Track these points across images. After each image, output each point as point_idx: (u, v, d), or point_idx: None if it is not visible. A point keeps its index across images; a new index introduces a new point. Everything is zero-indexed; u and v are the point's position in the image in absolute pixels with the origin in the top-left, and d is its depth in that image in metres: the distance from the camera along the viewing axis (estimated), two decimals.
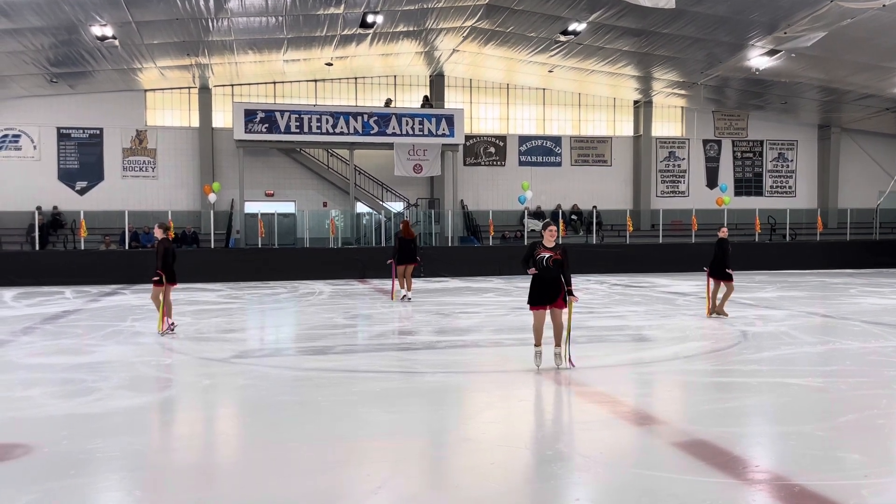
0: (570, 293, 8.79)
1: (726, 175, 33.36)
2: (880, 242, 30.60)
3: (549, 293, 8.78)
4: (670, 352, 10.35)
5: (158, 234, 11.95)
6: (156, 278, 11.58)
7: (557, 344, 8.84)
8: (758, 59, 25.09)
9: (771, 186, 33.98)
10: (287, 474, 5.29)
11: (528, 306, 8.98)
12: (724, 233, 14.36)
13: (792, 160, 34.18)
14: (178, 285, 12.56)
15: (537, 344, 8.88)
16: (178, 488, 5.10)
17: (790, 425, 6.60)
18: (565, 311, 8.82)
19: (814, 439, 6.11)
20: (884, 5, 19.45)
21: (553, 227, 9.04)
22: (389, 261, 17.59)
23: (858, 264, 28.11)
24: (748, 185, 33.76)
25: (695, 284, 19.38)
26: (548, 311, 8.83)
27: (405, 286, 17.25)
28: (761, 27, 22.75)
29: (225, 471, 5.62)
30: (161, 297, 11.61)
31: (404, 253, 17.29)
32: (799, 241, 30.47)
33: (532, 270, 8.95)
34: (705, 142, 33.41)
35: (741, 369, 8.93)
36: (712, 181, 33.10)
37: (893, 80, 26.50)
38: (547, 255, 8.76)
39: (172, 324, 11.85)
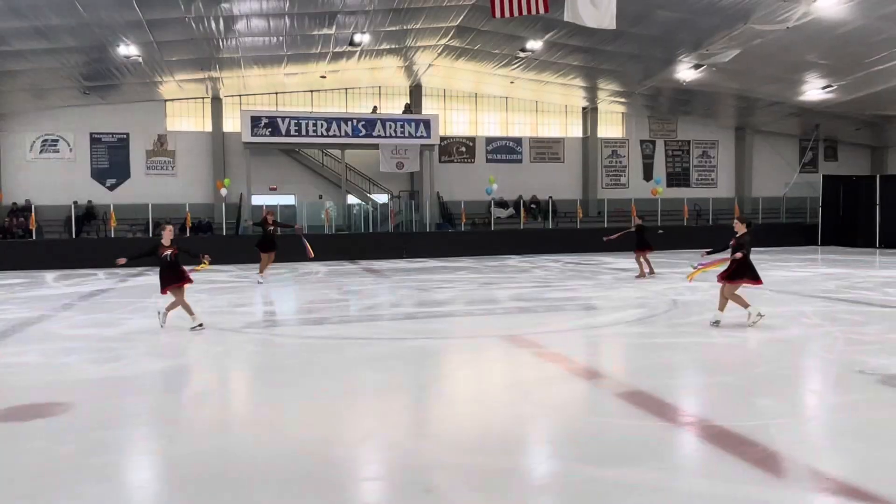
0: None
1: (660, 169, 33.55)
2: (787, 224, 31.05)
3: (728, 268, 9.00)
4: (613, 318, 10.40)
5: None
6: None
7: (745, 306, 8.90)
8: (685, 72, 25.21)
9: (696, 179, 34.22)
10: (290, 425, 5.27)
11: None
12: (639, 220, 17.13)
13: (714, 157, 34.44)
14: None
15: (720, 308, 9.08)
16: (196, 438, 5.06)
17: (713, 377, 6.68)
18: (730, 285, 8.94)
19: (732, 388, 6.19)
20: (787, 27, 19.63)
21: (737, 220, 9.36)
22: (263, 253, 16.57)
23: (769, 244, 28.35)
24: (678, 177, 33.97)
25: (634, 262, 19.48)
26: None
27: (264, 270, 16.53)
28: (687, 45, 22.85)
29: (236, 423, 5.59)
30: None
31: (268, 241, 16.54)
32: (720, 224, 30.70)
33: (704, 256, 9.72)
34: (642, 142, 33.54)
35: (672, 331, 9.01)
36: (648, 175, 33.29)
37: (796, 90, 26.76)
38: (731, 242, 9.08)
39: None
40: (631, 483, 4.03)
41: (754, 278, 8.92)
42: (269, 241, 16.68)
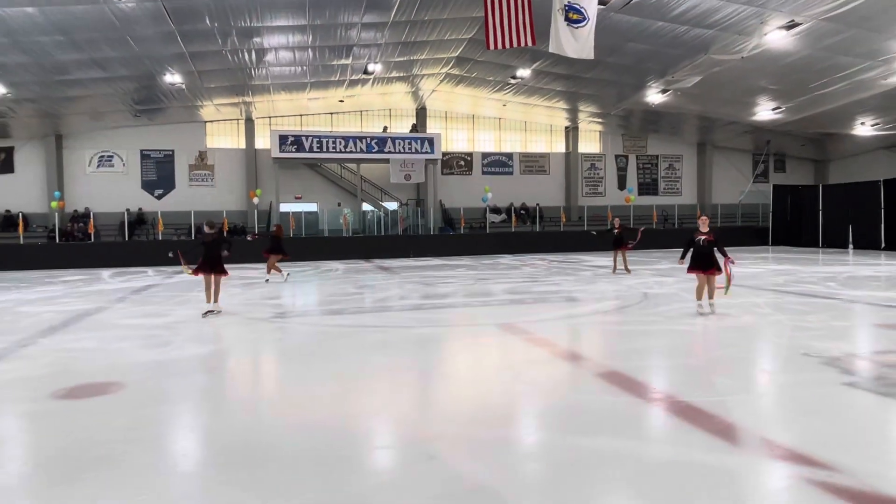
0: (725, 255, 9.09)
1: (632, 180, 33.49)
2: (742, 227, 31.02)
3: (703, 263, 9.10)
4: (592, 308, 10.40)
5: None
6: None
7: (710, 297, 9.20)
8: (653, 96, 25.17)
9: (664, 188, 34.16)
10: (312, 401, 5.27)
11: (689, 271, 9.31)
12: (618, 223, 16.49)
13: (679, 169, 34.37)
14: (231, 265, 11.56)
15: (698, 298, 9.24)
16: (232, 413, 5.06)
17: (678, 359, 6.68)
18: (716, 276, 9.15)
19: (694, 369, 6.18)
20: (742, 57, 19.61)
21: (704, 217, 9.44)
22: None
23: (726, 243, 28.24)
24: (647, 187, 33.90)
25: (610, 260, 19.45)
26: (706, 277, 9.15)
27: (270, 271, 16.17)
28: (655, 73, 22.81)
29: (267, 400, 5.59)
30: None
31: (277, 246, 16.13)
32: (684, 227, 30.66)
33: (681, 261, 9.48)
34: (616, 156, 33.48)
35: (643, 320, 9.00)
36: (622, 185, 33.21)
37: (750, 111, 26.70)
38: (702, 238, 9.15)
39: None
40: (608, 450, 4.03)
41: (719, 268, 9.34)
42: (278, 246, 16.48)
